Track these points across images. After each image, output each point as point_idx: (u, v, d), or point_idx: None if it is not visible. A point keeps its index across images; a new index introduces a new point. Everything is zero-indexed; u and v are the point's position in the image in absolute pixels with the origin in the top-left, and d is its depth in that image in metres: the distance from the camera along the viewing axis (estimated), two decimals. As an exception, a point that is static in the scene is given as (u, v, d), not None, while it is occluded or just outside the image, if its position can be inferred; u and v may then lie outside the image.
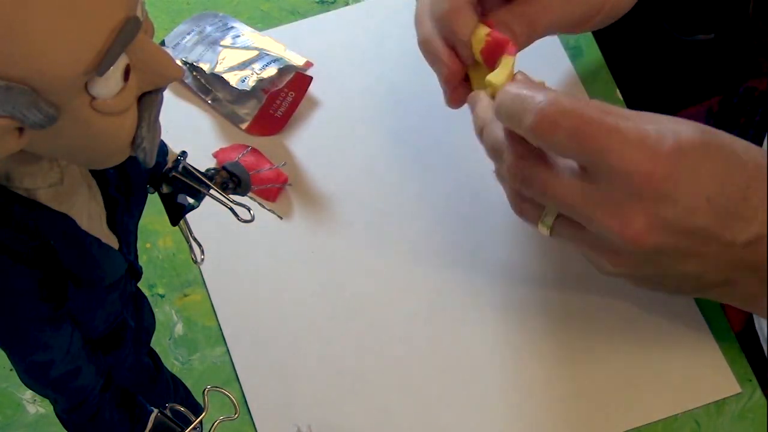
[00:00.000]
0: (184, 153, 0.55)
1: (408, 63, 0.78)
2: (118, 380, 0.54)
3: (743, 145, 0.60)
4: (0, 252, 0.44)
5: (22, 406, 0.68)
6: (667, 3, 0.86)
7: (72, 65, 0.37)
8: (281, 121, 0.77)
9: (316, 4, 0.83)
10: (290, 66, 0.78)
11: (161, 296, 0.71)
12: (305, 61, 0.79)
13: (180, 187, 0.55)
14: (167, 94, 0.51)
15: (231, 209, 0.56)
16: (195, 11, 0.82)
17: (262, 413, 0.68)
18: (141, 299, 0.57)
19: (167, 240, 0.73)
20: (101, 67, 0.38)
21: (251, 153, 0.74)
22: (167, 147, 0.54)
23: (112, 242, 0.49)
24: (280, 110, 0.77)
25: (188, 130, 0.77)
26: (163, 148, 0.54)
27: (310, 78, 0.77)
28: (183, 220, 0.57)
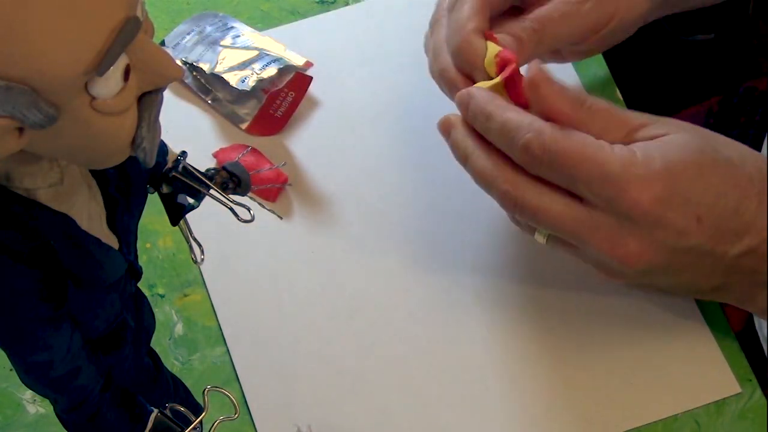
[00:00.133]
0: (184, 153, 0.55)
1: (408, 63, 0.78)
2: (118, 380, 0.54)
3: (740, 155, 0.60)
4: (0, 252, 0.44)
5: (22, 406, 0.68)
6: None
7: (72, 65, 0.37)
8: (281, 121, 0.77)
9: (316, 4, 0.83)
10: (290, 66, 0.78)
11: (161, 296, 0.71)
12: (305, 61, 0.79)
13: (180, 187, 0.55)
14: (167, 94, 0.51)
15: (231, 209, 0.56)
16: (195, 11, 0.82)
17: (262, 413, 0.68)
18: (141, 299, 0.57)
19: (167, 240, 0.73)
20: (101, 67, 0.38)
21: (251, 153, 0.74)
22: (167, 147, 0.54)
23: (112, 242, 0.49)
24: (280, 110, 0.77)
25: (188, 130, 0.77)
26: (163, 148, 0.54)
27: (310, 78, 0.77)
28: (183, 220, 0.57)
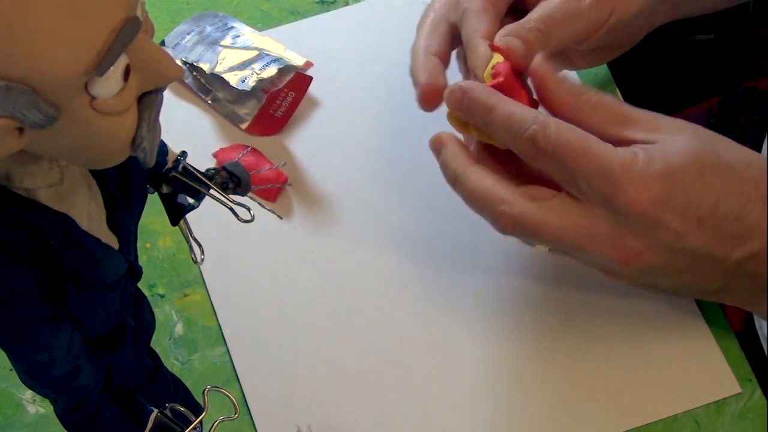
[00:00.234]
0: (184, 153, 0.55)
1: (408, 63, 0.78)
2: (118, 380, 0.54)
3: (744, 159, 0.60)
4: (0, 252, 0.44)
5: (22, 406, 0.68)
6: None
7: (72, 65, 0.37)
8: (281, 121, 0.77)
9: (316, 4, 0.83)
10: (290, 66, 0.78)
11: (161, 296, 0.71)
12: (305, 61, 0.79)
13: (180, 187, 0.55)
14: (167, 94, 0.51)
15: (231, 209, 0.56)
16: (195, 11, 0.82)
17: (262, 413, 0.68)
18: (141, 299, 0.57)
19: (167, 240, 0.73)
20: (101, 67, 0.38)
21: (251, 153, 0.74)
22: (167, 147, 0.54)
23: (112, 242, 0.49)
24: (280, 110, 0.77)
25: (188, 130, 0.77)
26: (163, 148, 0.54)
27: (310, 78, 0.77)
28: (183, 220, 0.57)
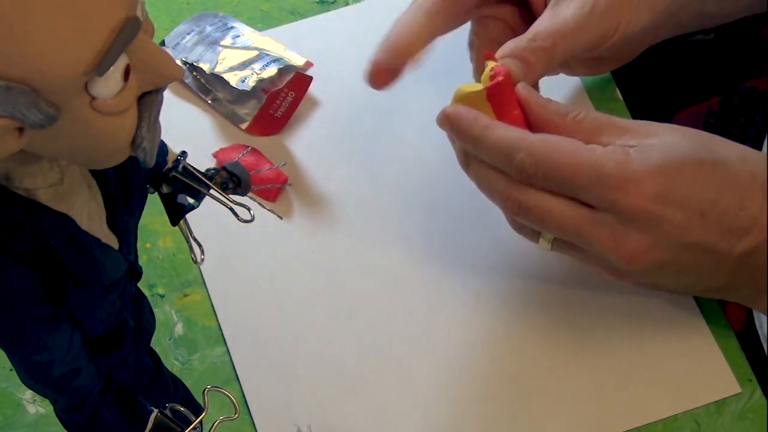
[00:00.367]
0: (184, 153, 0.55)
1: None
2: (118, 380, 0.54)
3: (740, 155, 0.60)
4: (0, 252, 0.44)
5: (22, 406, 0.68)
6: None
7: (72, 65, 0.37)
8: (281, 121, 0.77)
9: (316, 4, 0.83)
10: (290, 66, 0.78)
11: (161, 296, 0.71)
12: (305, 61, 0.79)
13: (180, 187, 0.55)
14: (167, 94, 0.51)
15: (231, 209, 0.56)
16: (195, 11, 0.82)
17: (262, 413, 0.68)
18: (141, 299, 0.57)
19: (167, 240, 0.73)
20: (101, 67, 0.38)
21: (251, 153, 0.74)
22: (167, 147, 0.54)
23: (112, 242, 0.49)
24: (280, 110, 0.77)
25: (188, 130, 0.77)
26: (163, 148, 0.54)
27: (310, 78, 0.77)
28: (183, 220, 0.57)
